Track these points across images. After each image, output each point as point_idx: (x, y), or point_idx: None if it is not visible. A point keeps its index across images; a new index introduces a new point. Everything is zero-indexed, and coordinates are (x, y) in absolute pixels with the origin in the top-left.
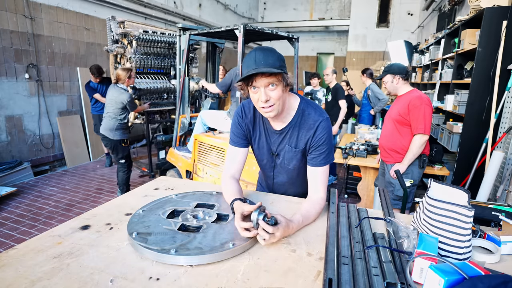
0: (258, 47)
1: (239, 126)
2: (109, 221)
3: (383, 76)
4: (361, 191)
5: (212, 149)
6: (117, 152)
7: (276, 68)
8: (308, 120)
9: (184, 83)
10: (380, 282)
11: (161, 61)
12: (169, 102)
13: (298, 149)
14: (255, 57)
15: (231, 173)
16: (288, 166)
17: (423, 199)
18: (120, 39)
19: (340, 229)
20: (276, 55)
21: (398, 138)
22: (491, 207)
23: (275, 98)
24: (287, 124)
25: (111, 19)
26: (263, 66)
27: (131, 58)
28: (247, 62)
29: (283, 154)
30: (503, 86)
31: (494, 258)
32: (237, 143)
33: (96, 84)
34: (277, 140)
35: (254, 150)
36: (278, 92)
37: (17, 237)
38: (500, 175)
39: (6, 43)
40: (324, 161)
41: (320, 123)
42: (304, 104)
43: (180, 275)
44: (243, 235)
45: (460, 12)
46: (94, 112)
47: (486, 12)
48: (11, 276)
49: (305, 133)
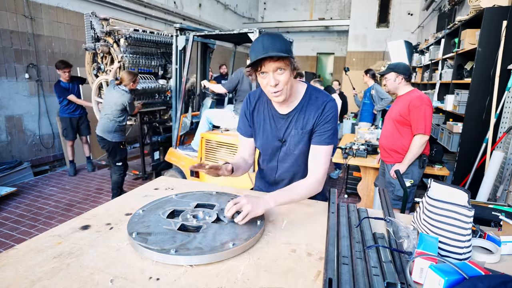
0: (265, 32)
1: (245, 116)
2: (109, 221)
3: (387, 72)
4: (361, 191)
5: (221, 146)
6: (115, 155)
7: (284, 52)
8: (316, 101)
9: (186, 82)
10: (380, 282)
11: (150, 61)
12: (160, 102)
13: (305, 130)
14: (263, 43)
15: (241, 155)
16: (294, 151)
17: (423, 199)
18: (103, 37)
19: (340, 229)
20: (282, 40)
21: (398, 138)
22: (491, 207)
23: (283, 82)
24: (293, 108)
25: (91, 15)
26: (271, 50)
27: (123, 57)
28: (255, 47)
29: (289, 140)
30: (503, 86)
31: (494, 258)
32: (245, 133)
33: (68, 84)
34: (284, 125)
35: (258, 140)
36: (286, 76)
37: (17, 237)
38: (500, 175)
39: (6, 43)
40: (329, 140)
41: (328, 102)
42: (311, 89)
43: (180, 275)
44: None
45: (460, 12)
46: (65, 114)
47: (486, 12)
48: (11, 276)
49: (313, 114)
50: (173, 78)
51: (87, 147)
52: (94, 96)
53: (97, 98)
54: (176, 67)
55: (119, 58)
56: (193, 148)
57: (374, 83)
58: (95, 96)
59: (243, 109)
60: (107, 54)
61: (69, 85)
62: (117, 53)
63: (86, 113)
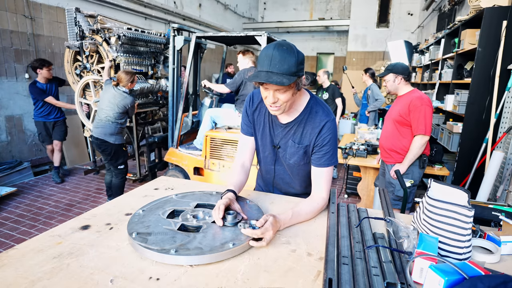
0: (278, 43)
1: (247, 114)
2: (109, 221)
3: (385, 74)
4: (361, 191)
5: (226, 143)
6: (117, 157)
7: (291, 75)
8: (315, 118)
9: (188, 83)
10: (380, 282)
11: (142, 60)
12: (151, 103)
13: (301, 146)
14: (272, 57)
15: (241, 161)
16: (289, 160)
17: (423, 199)
18: (90, 35)
19: (340, 229)
20: (294, 59)
21: (398, 138)
22: (491, 207)
23: (283, 101)
24: (293, 119)
25: (75, 12)
26: (277, 70)
27: (118, 57)
28: (263, 59)
29: (285, 148)
30: (503, 86)
31: (494, 258)
32: (246, 131)
33: (45, 85)
34: (281, 134)
35: (257, 140)
36: (287, 96)
37: (17, 237)
38: (500, 175)
39: (6, 43)
40: (328, 162)
41: (326, 123)
42: (313, 102)
43: (180, 275)
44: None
45: (460, 12)
46: (40, 118)
47: (486, 12)
48: (11, 276)
49: (310, 131)
50: (170, 78)
51: (58, 155)
52: (77, 97)
53: (81, 99)
54: (174, 67)
55: (110, 57)
56: (196, 147)
57: (372, 83)
58: (79, 97)
59: (245, 106)
60: (93, 53)
61: (46, 86)
62: (110, 52)
63: (64, 118)
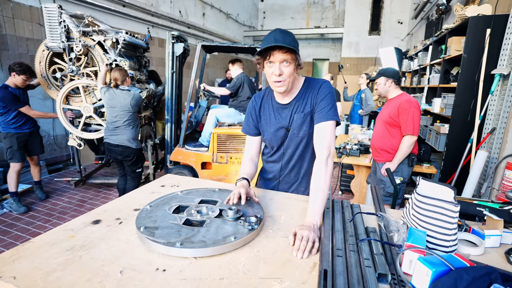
0: (278, 28)
1: (251, 116)
2: (119, 216)
3: (377, 77)
4: (354, 188)
5: (231, 138)
6: (137, 162)
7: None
8: (312, 86)
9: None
10: (372, 273)
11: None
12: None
13: (306, 112)
14: (275, 36)
15: (250, 156)
16: (298, 134)
17: (412, 195)
18: (78, 37)
19: (334, 224)
20: (293, 37)
21: (388, 138)
22: (475, 203)
23: (287, 74)
24: (294, 97)
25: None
26: (282, 43)
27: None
28: (267, 39)
29: (293, 125)
30: (487, 90)
31: (478, 250)
32: (248, 132)
33: (18, 90)
34: (288, 114)
35: (265, 134)
36: (290, 69)
37: (33, 231)
38: (484, 173)
39: (23, 50)
40: (331, 115)
41: (323, 83)
42: (308, 79)
43: (185, 267)
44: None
45: (446, 20)
46: (10, 130)
47: (471, 21)
48: (27, 267)
49: (310, 97)
50: (168, 82)
51: (38, 169)
52: (60, 104)
53: (64, 105)
54: (173, 72)
55: (106, 61)
56: (202, 144)
57: (366, 87)
58: (62, 103)
59: (249, 110)
60: (82, 55)
61: (19, 92)
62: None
63: (38, 127)
